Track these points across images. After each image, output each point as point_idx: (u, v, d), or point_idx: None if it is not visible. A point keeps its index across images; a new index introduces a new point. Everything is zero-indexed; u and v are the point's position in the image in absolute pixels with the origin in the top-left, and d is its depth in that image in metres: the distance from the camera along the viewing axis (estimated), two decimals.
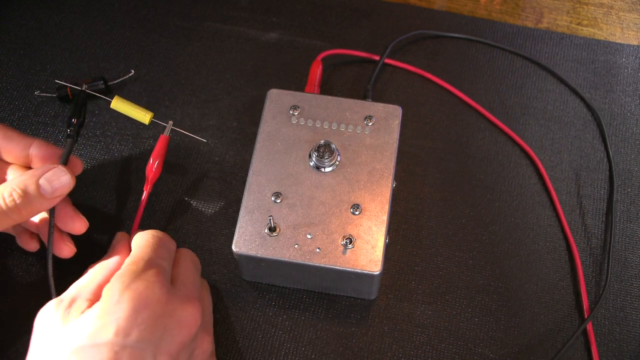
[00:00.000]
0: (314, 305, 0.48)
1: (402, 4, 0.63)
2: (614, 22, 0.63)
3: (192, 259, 0.45)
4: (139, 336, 0.36)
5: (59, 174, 0.42)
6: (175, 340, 0.38)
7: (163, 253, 0.42)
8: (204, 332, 0.42)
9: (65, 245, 0.45)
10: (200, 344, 0.41)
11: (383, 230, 0.45)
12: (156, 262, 0.40)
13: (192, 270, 0.44)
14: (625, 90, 0.59)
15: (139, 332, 0.36)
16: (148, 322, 0.37)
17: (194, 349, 0.40)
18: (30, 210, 0.41)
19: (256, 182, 0.47)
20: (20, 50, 0.60)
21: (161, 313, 0.38)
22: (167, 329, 0.37)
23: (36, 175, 0.41)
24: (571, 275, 0.50)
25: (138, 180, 0.53)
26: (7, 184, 0.41)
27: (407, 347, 0.47)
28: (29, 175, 0.41)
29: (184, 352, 0.39)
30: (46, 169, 0.42)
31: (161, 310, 0.38)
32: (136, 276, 0.38)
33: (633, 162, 0.55)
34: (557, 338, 0.47)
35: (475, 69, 0.60)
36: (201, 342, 0.41)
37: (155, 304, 0.38)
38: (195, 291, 0.42)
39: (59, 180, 0.42)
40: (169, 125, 0.50)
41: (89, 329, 0.36)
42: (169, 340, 0.37)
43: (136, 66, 0.59)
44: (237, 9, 0.63)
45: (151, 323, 0.37)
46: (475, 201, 0.53)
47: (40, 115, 0.56)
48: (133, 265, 0.39)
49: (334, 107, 0.50)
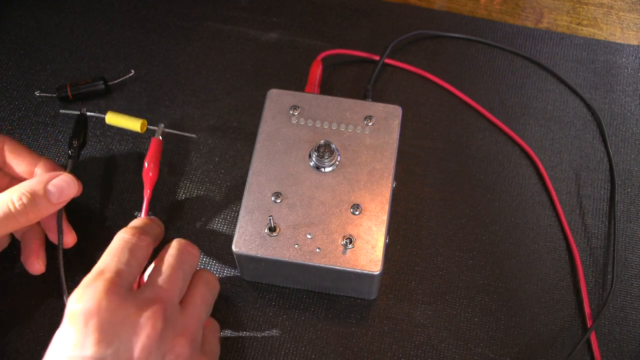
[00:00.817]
0: (314, 305, 0.48)
1: (402, 4, 0.63)
2: (614, 22, 0.63)
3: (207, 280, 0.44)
4: (95, 347, 0.35)
5: (66, 180, 0.45)
6: (137, 346, 0.37)
7: (126, 257, 0.40)
8: (177, 336, 0.39)
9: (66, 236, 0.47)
10: (172, 348, 0.38)
11: (383, 230, 0.45)
12: (111, 268, 0.39)
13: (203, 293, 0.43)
14: (625, 90, 0.59)
15: (92, 342, 0.36)
16: (100, 331, 0.36)
17: (164, 353, 0.38)
18: (37, 214, 0.43)
19: (256, 182, 0.47)
20: (20, 50, 0.60)
21: (113, 320, 0.37)
22: (123, 336, 0.36)
23: (44, 181, 0.44)
24: (571, 275, 0.50)
25: (138, 180, 0.53)
26: (17, 189, 0.42)
27: (407, 347, 0.47)
28: (37, 180, 0.43)
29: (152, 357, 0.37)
30: (54, 175, 0.44)
31: (112, 318, 0.37)
32: (86, 286, 0.38)
33: (633, 162, 0.55)
34: (557, 338, 0.47)
35: (475, 69, 0.60)
36: (172, 345, 0.38)
37: (105, 312, 0.36)
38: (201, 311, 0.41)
39: (66, 186, 0.44)
40: (159, 129, 0.51)
41: (54, 345, 0.37)
42: (127, 346, 0.36)
43: (136, 66, 0.59)
44: (237, 9, 0.63)
45: (103, 331, 0.36)
46: (475, 201, 0.53)
47: (40, 115, 0.56)
48: (88, 275, 0.39)
49: (334, 107, 0.50)
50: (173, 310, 0.39)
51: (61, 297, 0.47)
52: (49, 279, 0.48)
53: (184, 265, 0.42)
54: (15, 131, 0.55)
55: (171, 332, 0.38)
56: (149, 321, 0.37)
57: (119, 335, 0.36)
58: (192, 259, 0.43)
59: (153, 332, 0.37)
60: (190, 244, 0.43)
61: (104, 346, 0.36)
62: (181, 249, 0.43)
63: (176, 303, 0.40)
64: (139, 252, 0.41)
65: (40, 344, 0.46)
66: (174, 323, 0.39)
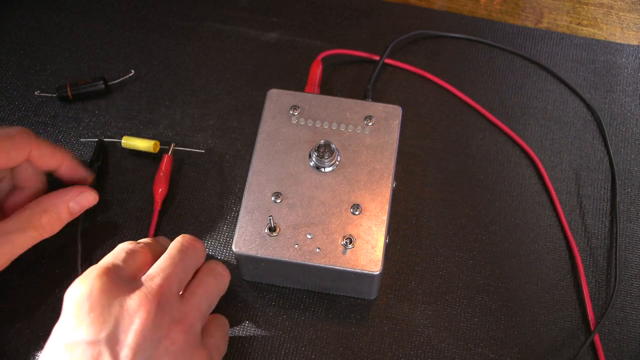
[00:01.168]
0: (314, 305, 0.48)
1: (402, 4, 0.63)
2: (614, 22, 0.63)
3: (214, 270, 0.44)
4: (89, 328, 0.36)
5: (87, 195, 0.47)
6: (131, 331, 0.37)
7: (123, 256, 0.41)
8: (174, 323, 0.39)
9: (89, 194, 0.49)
10: (167, 334, 0.38)
11: (383, 230, 0.45)
12: (107, 261, 0.40)
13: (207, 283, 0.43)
14: (625, 90, 0.59)
15: (87, 324, 0.36)
16: (93, 312, 0.37)
17: (159, 339, 0.38)
18: (60, 227, 0.46)
19: (256, 182, 0.47)
20: (20, 50, 0.60)
21: (106, 302, 0.37)
22: (118, 319, 0.37)
23: (66, 199, 0.46)
24: (571, 275, 0.50)
25: (139, 179, 0.53)
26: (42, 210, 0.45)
27: (407, 347, 0.47)
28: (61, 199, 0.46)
29: (147, 343, 0.37)
30: (76, 193, 0.47)
31: (104, 299, 0.37)
32: (81, 277, 0.39)
33: (633, 162, 0.55)
34: (557, 338, 0.47)
35: (475, 69, 0.60)
36: (168, 332, 0.38)
37: (97, 293, 0.37)
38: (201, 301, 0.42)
39: (86, 200, 0.48)
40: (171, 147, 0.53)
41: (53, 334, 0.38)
42: (121, 329, 0.37)
43: (136, 66, 0.59)
44: (237, 9, 0.63)
45: (97, 312, 0.37)
46: (475, 201, 0.53)
47: (40, 115, 0.56)
48: None
49: (334, 107, 0.50)
50: (170, 298, 0.39)
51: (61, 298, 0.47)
52: (49, 278, 0.48)
53: (185, 258, 0.42)
54: None
55: (167, 319, 0.38)
56: (143, 305, 0.38)
57: (113, 317, 0.37)
58: (196, 252, 0.43)
59: (147, 317, 0.37)
60: (194, 238, 0.44)
61: (98, 327, 0.36)
62: (184, 242, 0.43)
63: (174, 292, 0.40)
64: (135, 255, 0.42)
65: (39, 344, 0.46)
66: (171, 311, 0.39)
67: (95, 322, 0.36)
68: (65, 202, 0.46)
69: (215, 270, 0.44)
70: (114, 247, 0.48)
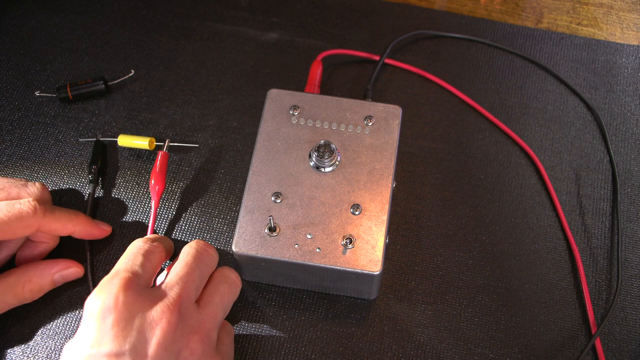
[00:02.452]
0: (314, 305, 0.48)
1: (402, 4, 0.63)
2: (614, 22, 0.63)
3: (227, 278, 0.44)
4: (113, 342, 0.36)
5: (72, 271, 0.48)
6: (152, 341, 0.37)
7: (140, 260, 0.41)
8: (192, 332, 0.39)
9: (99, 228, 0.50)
10: (187, 344, 0.39)
11: (383, 230, 0.45)
12: (126, 269, 0.40)
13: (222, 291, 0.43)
14: (625, 90, 0.59)
15: (111, 337, 0.36)
16: (118, 326, 0.37)
17: (179, 349, 0.38)
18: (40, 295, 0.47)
19: (256, 182, 0.47)
20: (20, 50, 0.60)
21: (130, 315, 0.37)
22: (141, 331, 0.37)
23: (52, 272, 0.47)
24: (571, 275, 0.50)
25: (139, 179, 0.53)
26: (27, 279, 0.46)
27: (407, 347, 0.47)
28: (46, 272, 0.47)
29: (168, 354, 0.37)
30: (63, 267, 0.47)
31: (129, 312, 0.37)
32: (103, 285, 0.39)
33: (633, 162, 0.55)
34: (557, 338, 0.47)
35: (475, 69, 0.60)
36: (187, 341, 0.39)
37: (122, 307, 0.37)
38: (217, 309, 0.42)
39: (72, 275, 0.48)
40: (166, 143, 0.53)
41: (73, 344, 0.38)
42: (143, 341, 0.37)
43: (136, 66, 0.59)
44: (237, 9, 0.63)
45: (121, 326, 0.37)
46: (475, 201, 0.53)
47: (40, 115, 0.56)
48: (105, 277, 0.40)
49: (334, 107, 0.50)
50: (189, 307, 0.40)
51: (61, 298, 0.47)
52: None
53: (201, 264, 0.43)
54: (15, 131, 0.55)
55: (187, 328, 0.39)
56: (164, 316, 0.38)
57: (136, 330, 0.37)
58: (210, 259, 0.44)
59: (168, 327, 0.38)
60: (208, 245, 0.44)
61: (122, 340, 0.36)
62: (199, 249, 0.44)
63: (192, 300, 0.41)
64: (152, 257, 0.42)
65: (39, 343, 0.46)
66: (190, 320, 0.40)
67: (119, 336, 0.36)
68: (50, 274, 0.47)
69: (229, 277, 0.45)
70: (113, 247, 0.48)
